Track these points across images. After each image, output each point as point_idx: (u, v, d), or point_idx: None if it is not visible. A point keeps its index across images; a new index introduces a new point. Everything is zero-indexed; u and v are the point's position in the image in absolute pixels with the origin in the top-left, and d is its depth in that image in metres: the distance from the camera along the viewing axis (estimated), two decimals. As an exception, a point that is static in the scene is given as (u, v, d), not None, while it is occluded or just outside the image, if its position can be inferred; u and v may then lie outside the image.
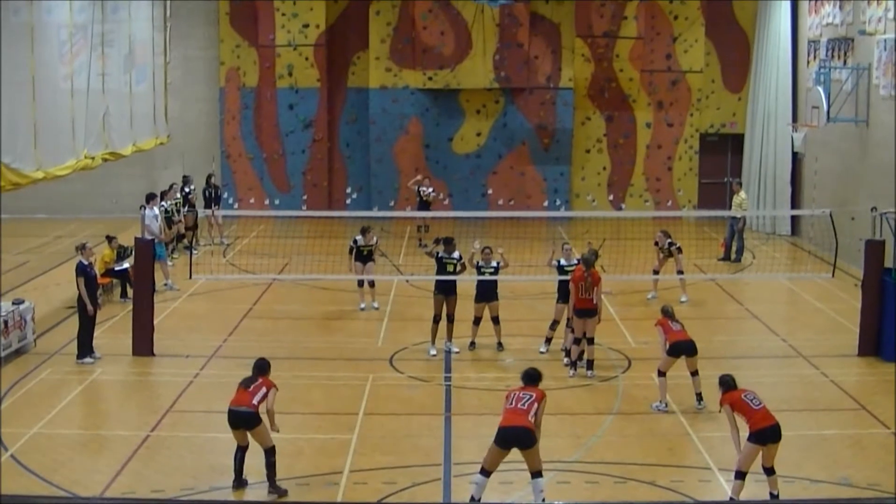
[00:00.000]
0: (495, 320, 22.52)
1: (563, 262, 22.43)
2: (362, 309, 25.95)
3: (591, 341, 20.88)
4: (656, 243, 27.12)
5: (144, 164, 38.05)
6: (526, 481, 15.06)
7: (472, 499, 14.79)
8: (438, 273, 22.47)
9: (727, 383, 15.26)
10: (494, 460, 14.68)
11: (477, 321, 22.58)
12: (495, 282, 22.40)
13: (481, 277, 22.22)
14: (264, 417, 15.41)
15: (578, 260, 22.07)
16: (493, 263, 22.34)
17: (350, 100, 40.33)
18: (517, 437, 14.54)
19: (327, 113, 40.03)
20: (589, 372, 20.83)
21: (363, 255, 25.41)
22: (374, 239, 25.73)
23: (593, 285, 20.75)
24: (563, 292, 21.93)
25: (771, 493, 14.73)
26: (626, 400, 19.68)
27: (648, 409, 19.02)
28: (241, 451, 15.57)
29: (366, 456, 16.89)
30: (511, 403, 14.81)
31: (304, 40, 39.20)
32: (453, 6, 38.65)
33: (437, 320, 22.35)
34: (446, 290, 22.29)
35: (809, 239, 33.61)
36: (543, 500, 14.62)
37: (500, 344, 22.58)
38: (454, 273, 22.37)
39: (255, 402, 15.35)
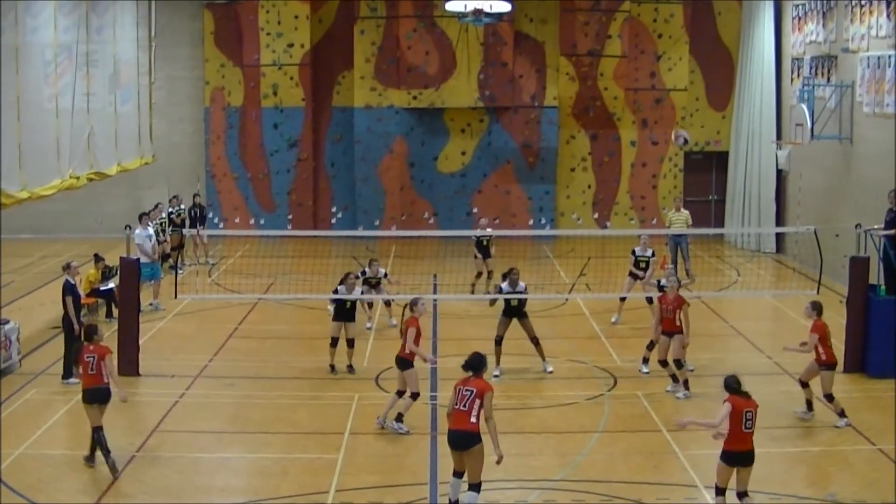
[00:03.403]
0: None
1: (663, 281, 22.54)
2: (368, 328, 25.75)
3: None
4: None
5: (129, 184, 38.02)
6: (513, 498, 15.07)
7: (450, 501, 14.94)
8: (505, 308, 22.31)
9: (730, 386, 14.63)
10: (455, 461, 14.83)
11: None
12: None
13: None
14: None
15: (679, 282, 22.47)
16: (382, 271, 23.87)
17: (335, 119, 40.37)
18: (458, 440, 14.63)
19: (312, 132, 40.05)
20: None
21: (346, 310, 22.86)
22: (357, 290, 23.66)
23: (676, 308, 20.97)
24: None
25: None
26: (612, 418, 19.67)
27: (635, 427, 19.04)
28: (100, 429, 16.64)
29: (352, 475, 16.85)
30: (456, 404, 14.75)
31: (288, 60, 39.24)
32: (437, 25, 38.73)
33: (498, 342, 22.19)
34: (512, 314, 22.22)
35: (794, 256, 33.71)
36: None
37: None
38: (518, 306, 22.21)
39: (105, 380, 16.74)
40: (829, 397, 19.02)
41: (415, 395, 18.84)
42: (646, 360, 22.26)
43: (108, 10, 30.92)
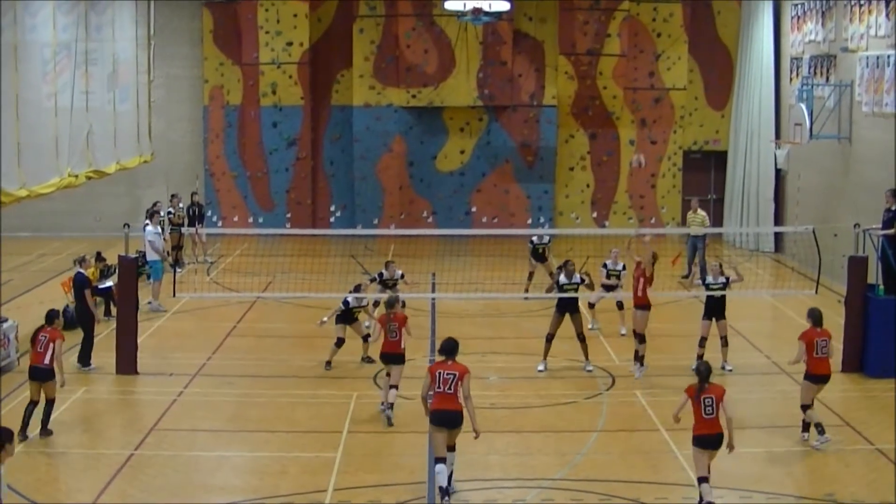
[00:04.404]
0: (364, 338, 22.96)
1: (710, 279, 22.55)
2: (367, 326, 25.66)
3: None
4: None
5: (128, 183, 38.01)
6: (511, 497, 15.05)
7: (440, 488, 15.24)
8: (559, 302, 22.34)
9: (699, 372, 15.33)
10: (439, 443, 15.44)
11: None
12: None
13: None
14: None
15: (727, 279, 22.70)
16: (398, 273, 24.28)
17: (334, 118, 40.35)
18: (448, 419, 15.41)
19: (311, 131, 40.03)
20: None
21: (349, 314, 23.15)
22: (364, 301, 23.52)
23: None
24: (708, 309, 22.33)
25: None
26: (610, 417, 19.68)
27: (633, 426, 19.04)
28: (34, 405, 18.08)
29: (350, 474, 16.86)
30: (439, 387, 15.47)
31: (287, 58, 39.21)
32: (437, 24, 38.71)
33: (549, 339, 22.31)
34: (566, 309, 22.22)
35: (793, 256, 33.70)
36: (452, 471, 15.45)
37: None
38: (572, 300, 22.27)
39: (46, 361, 17.98)
40: (804, 408, 18.09)
41: (395, 387, 19.22)
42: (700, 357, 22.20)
43: (107, 9, 30.84)
